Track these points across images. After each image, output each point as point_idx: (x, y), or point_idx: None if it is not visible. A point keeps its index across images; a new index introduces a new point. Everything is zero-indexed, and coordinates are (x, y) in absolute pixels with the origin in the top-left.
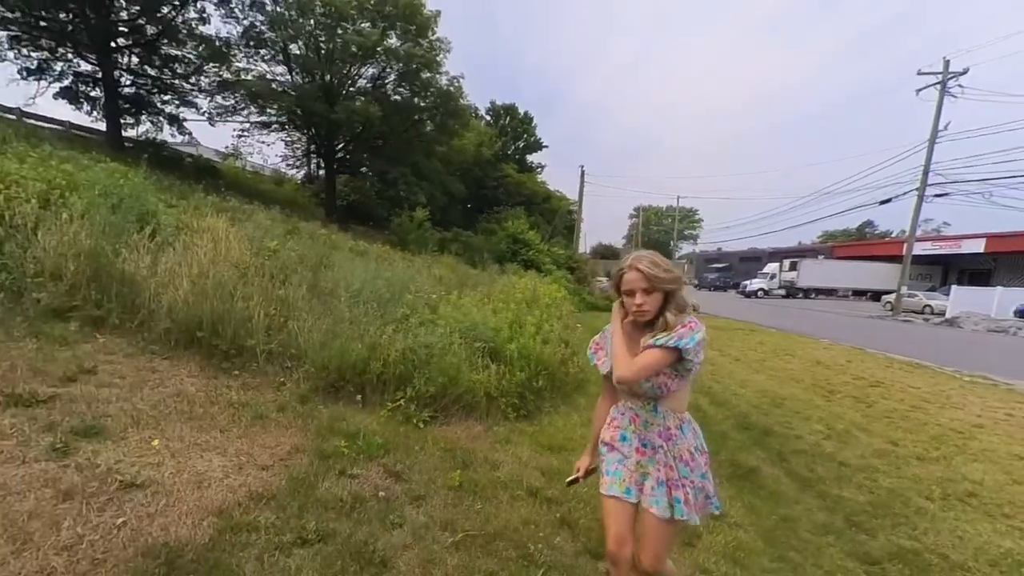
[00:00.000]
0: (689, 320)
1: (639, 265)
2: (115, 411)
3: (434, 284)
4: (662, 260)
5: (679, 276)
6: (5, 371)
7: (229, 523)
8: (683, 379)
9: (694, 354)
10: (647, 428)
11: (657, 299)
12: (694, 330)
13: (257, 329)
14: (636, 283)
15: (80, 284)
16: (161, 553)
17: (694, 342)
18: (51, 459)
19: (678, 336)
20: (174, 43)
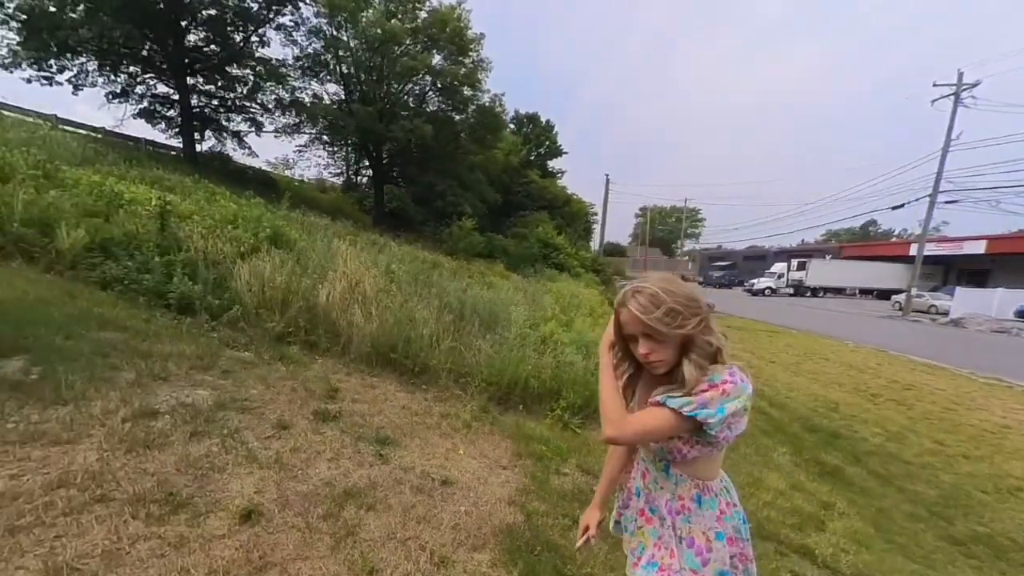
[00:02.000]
0: (725, 376)
1: (630, 304)
2: (382, 423)
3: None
4: (670, 293)
5: (699, 312)
6: (300, 391)
7: (524, 509)
8: (709, 447)
9: (722, 427)
10: (655, 490)
11: (669, 348)
12: (727, 394)
13: (438, 351)
14: (633, 327)
15: (290, 313)
16: (508, 531)
17: (722, 414)
18: (382, 463)
19: (700, 402)
20: (235, 64)
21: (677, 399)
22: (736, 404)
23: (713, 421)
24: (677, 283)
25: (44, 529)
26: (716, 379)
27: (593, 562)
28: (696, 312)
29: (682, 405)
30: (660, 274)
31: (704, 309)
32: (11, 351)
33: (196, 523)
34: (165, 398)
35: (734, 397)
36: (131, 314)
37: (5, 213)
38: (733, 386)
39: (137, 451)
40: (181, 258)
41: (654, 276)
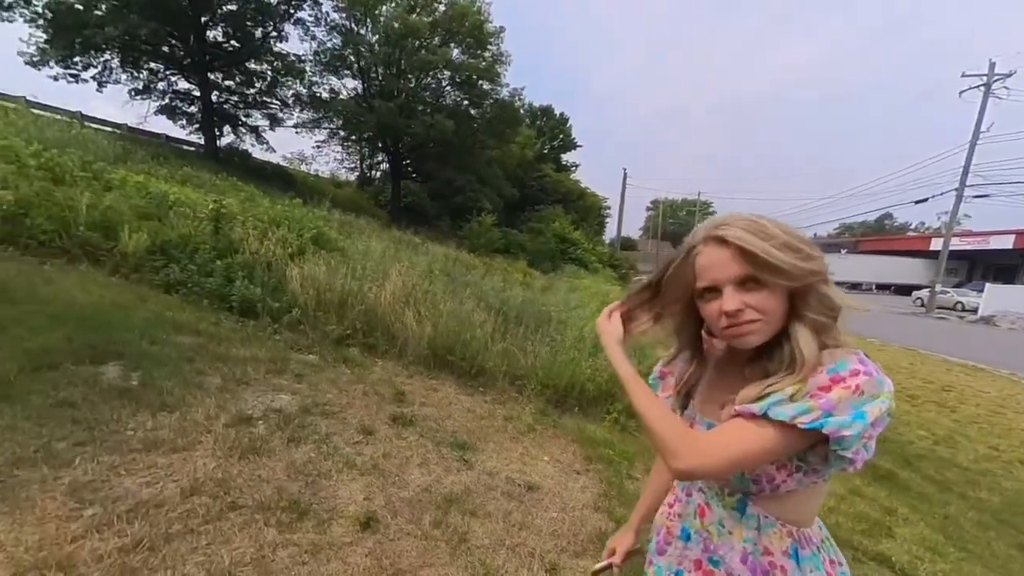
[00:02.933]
0: (854, 364)
1: (728, 233)
2: (454, 427)
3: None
4: (776, 225)
5: (819, 258)
6: (371, 395)
7: (611, 516)
8: (815, 476)
9: (859, 445)
10: (720, 536)
11: (777, 300)
12: (863, 392)
13: (493, 353)
14: (724, 269)
15: (347, 316)
16: (603, 537)
17: (862, 422)
18: (468, 468)
19: (824, 406)
20: (254, 59)
21: (785, 406)
22: (879, 406)
23: (849, 435)
24: (772, 219)
25: (194, 536)
26: (842, 368)
27: None
28: (815, 253)
29: (797, 414)
30: (738, 212)
31: (820, 251)
32: (105, 357)
33: (323, 530)
34: (254, 403)
35: (872, 396)
36: (199, 317)
37: (70, 217)
38: (868, 379)
39: (248, 458)
40: (238, 261)
41: (732, 213)
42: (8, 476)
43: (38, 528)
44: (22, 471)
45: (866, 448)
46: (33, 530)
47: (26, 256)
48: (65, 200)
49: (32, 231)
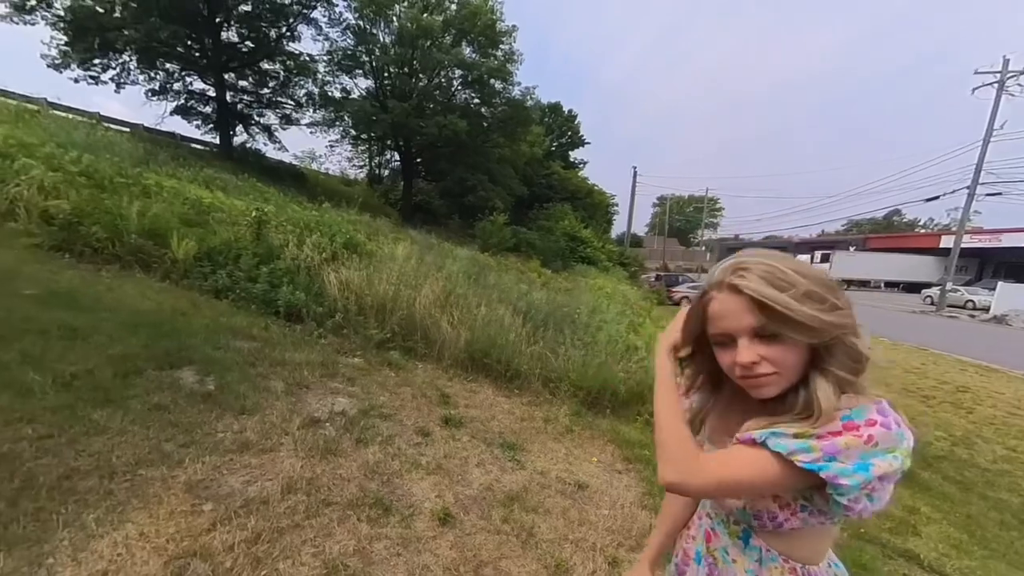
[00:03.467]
0: (872, 414)
1: (743, 283)
2: (500, 428)
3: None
4: (798, 272)
5: (846, 309)
6: (419, 397)
7: (654, 511)
8: (821, 517)
9: (859, 494)
10: (724, 562)
11: (794, 355)
12: (875, 444)
13: (527, 356)
14: (738, 319)
15: (387, 320)
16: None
17: (864, 473)
18: (520, 468)
19: (827, 449)
20: (267, 59)
21: (786, 439)
22: (889, 462)
23: (847, 483)
24: (797, 261)
25: (301, 530)
26: (857, 416)
27: None
28: (843, 301)
29: (797, 450)
30: (766, 251)
31: (847, 299)
32: (179, 362)
33: (407, 525)
34: (317, 406)
35: (886, 450)
36: (250, 322)
37: (122, 225)
38: (885, 432)
39: (327, 458)
40: (282, 267)
41: (757, 252)
42: (134, 475)
43: (170, 522)
44: (144, 470)
45: (871, 499)
46: (167, 523)
47: (82, 263)
48: (115, 208)
49: (87, 239)
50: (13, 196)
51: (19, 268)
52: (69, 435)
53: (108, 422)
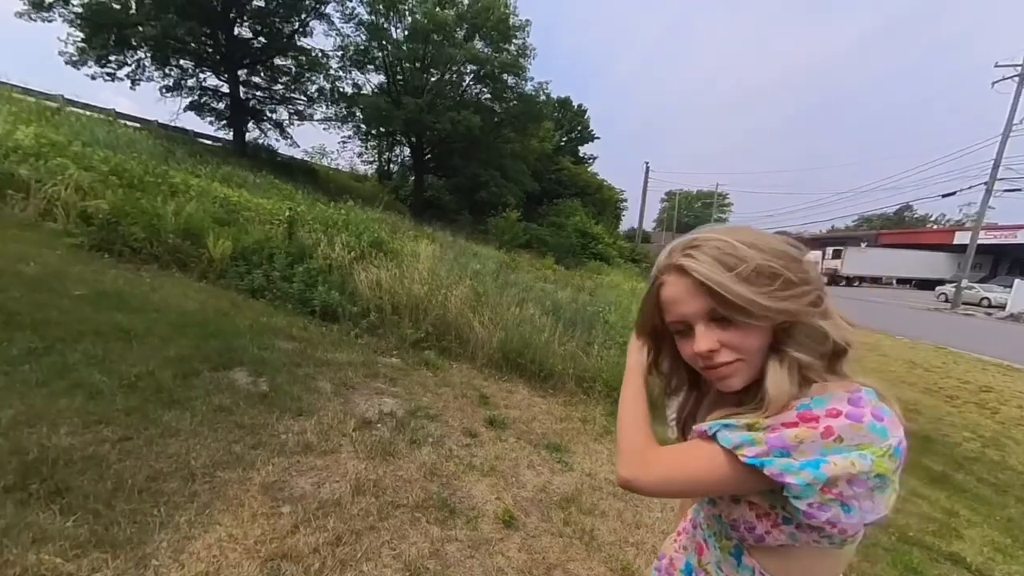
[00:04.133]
0: (839, 403)
1: (686, 262)
2: (542, 429)
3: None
4: (753, 246)
5: (808, 277)
6: (460, 398)
7: None
8: (813, 534)
9: (813, 498)
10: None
11: (754, 339)
12: (836, 438)
13: (559, 356)
14: (689, 303)
15: (420, 320)
16: None
17: (815, 472)
18: (568, 470)
19: (773, 442)
20: (280, 55)
21: (736, 431)
22: (851, 461)
23: (794, 482)
24: (756, 233)
25: (376, 533)
26: (817, 405)
27: None
28: (804, 277)
29: (741, 443)
30: (725, 225)
31: (814, 274)
32: (231, 363)
33: (474, 527)
34: (366, 407)
35: (853, 446)
36: (289, 322)
37: (159, 224)
38: (850, 425)
39: (386, 460)
40: (315, 266)
41: (714, 228)
42: (213, 477)
43: (254, 524)
44: (221, 472)
45: (844, 508)
46: (252, 526)
47: (122, 263)
48: (151, 208)
49: (126, 239)
50: (50, 196)
51: (66, 269)
52: (146, 437)
53: (178, 424)
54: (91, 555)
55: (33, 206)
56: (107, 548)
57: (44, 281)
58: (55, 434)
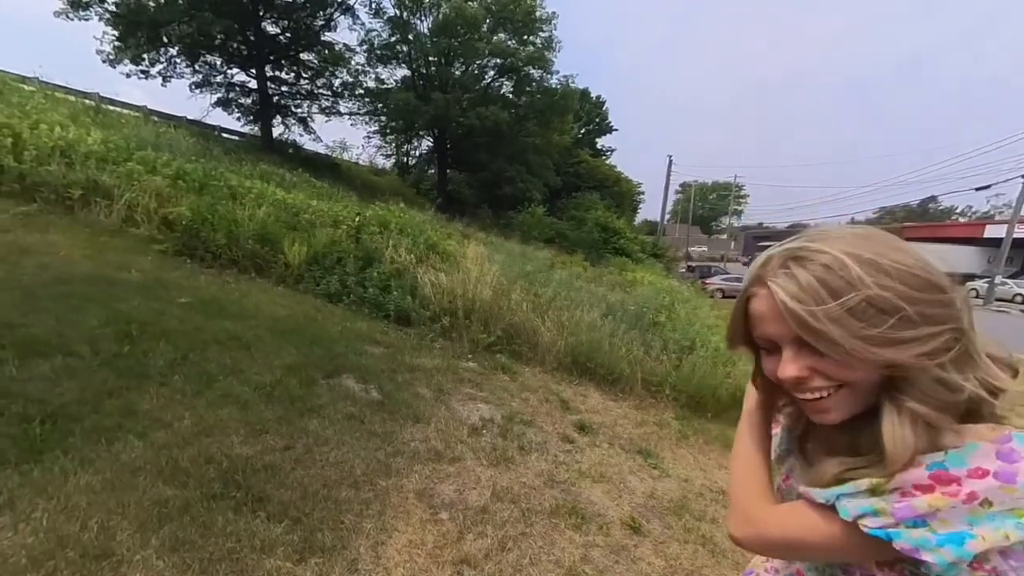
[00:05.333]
0: (978, 460)
1: (776, 281)
2: (627, 434)
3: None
4: (872, 266)
5: (944, 311)
6: (544, 403)
7: None
8: None
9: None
10: None
11: (852, 373)
12: (981, 502)
13: (627, 360)
14: (776, 324)
15: (490, 324)
16: None
17: (957, 548)
18: (665, 476)
19: (902, 512)
20: (305, 50)
21: (856, 499)
22: (1008, 534)
23: (932, 560)
24: (889, 245)
25: (530, 539)
26: (955, 464)
27: None
28: (936, 315)
29: (864, 514)
30: (853, 229)
31: (953, 312)
32: (338, 370)
33: (607, 533)
34: (466, 413)
35: (1004, 513)
36: (370, 327)
37: (237, 231)
38: (1003, 488)
39: (506, 466)
40: (384, 270)
41: (832, 232)
42: (374, 484)
43: (424, 530)
44: (380, 480)
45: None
46: (423, 532)
47: (204, 268)
48: (229, 213)
49: (207, 244)
50: (130, 202)
51: (163, 276)
52: (303, 445)
53: (322, 431)
54: (310, 560)
55: (116, 212)
56: (321, 554)
57: (151, 289)
58: (230, 443)
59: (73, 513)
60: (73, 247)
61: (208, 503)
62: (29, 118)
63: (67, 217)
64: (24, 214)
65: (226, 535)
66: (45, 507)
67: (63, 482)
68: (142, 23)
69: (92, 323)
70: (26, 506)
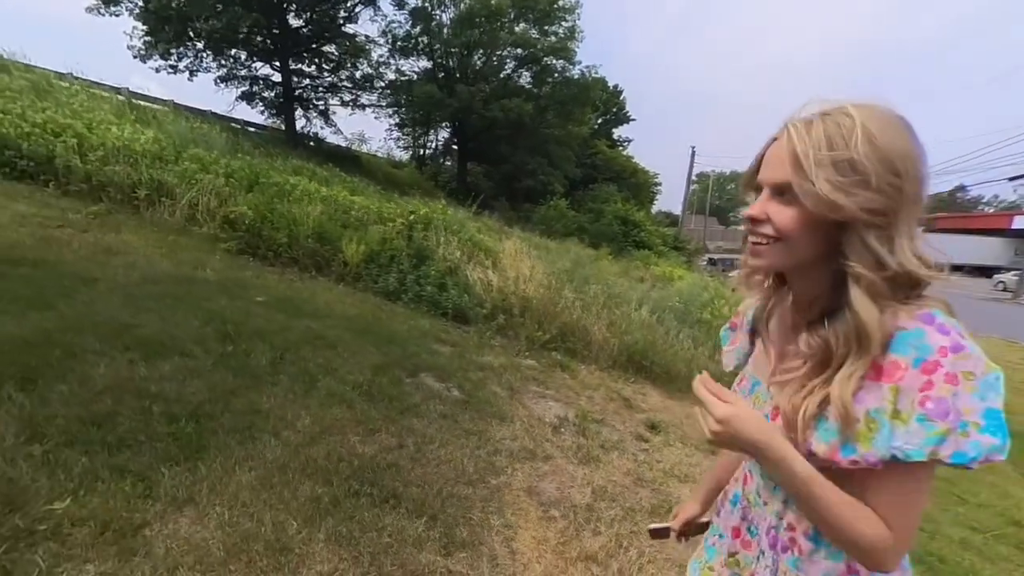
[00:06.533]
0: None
1: (796, 128)
2: (693, 433)
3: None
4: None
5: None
6: (607, 401)
7: None
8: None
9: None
10: (756, 505)
11: (805, 228)
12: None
13: (679, 358)
14: (773, 168)
15: (544, 322)
16: None
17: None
18: None
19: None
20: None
21: (907, 438)
22: (999, 394)
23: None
24: (898, 129)
25: (639, 537)
26: (924, 353)
27: None
28: (890, 190)
29: (929, 444)
30: (884, 109)
31: (914, 191)
32: (415, 368)
33: None
34: (540, 411)
35: (987, 382)
36: (431, 324)
37: (297, 230)
38: (959, 356)
39: (595, 465)
40: (438, 268)
41: (871, 107)
42: (486, 483)
43: (543, 527)
44: (490, 479)
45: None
46: (543, 529)
47: (266, 267)
48: (288, 213)
49: (269, 243)
50: (191, 201)
51: (235, 275)
52: (414, 444)
53: (424, 430)
54: (456, 555)
55: (180, 211)
56: (463, 548)
57: (229, 288)
58: (351, 443)
59: (244, 509)
60: (148, 247)
61: (353, 500)
62: (82, 118)
63: (135, 217)
64: (95, 214)
65: (378, 530)
66: (219, 503)
67: (227, 479)
68: (170, 18)
69: (193, 323)
70: (204, 503)
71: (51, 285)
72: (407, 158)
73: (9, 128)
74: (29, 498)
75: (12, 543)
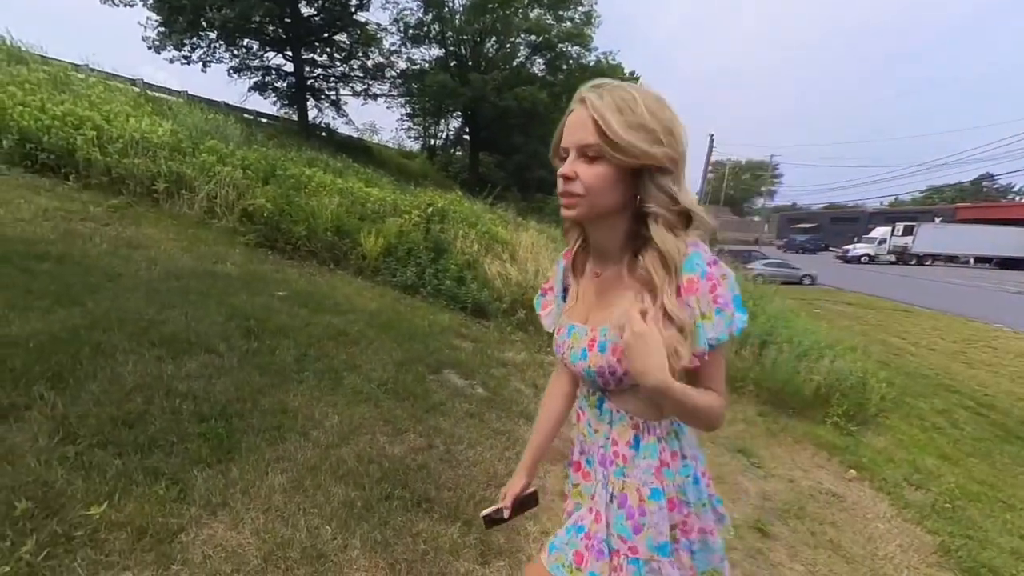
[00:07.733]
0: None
1: (591, 96)
2: (725, 433)
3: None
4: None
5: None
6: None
7: (924, 527)
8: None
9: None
10: (590, 436)
11: (607, 182)
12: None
13: None
14: (575, 133)
15: None
16: (942, 547)
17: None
18: (770, 476)
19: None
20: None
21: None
22: (737, 285)
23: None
24: (663, 103)
25: None
26: (696, 265)
27: None
28: (670, 144)
29: (727, 327)
30: (633, 84)
31: (683, 150)
32: (438, 365)
33: (740, 536)
34: None
35: (731, 280)
36: (451, 319)
37: (315, 223)
38: (721, 266)
39: None
40: (457, 261)
41: (623, 83)
42: None
43: None
44: None
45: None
46: None
47: (284, 260)
48: (307, 206)
49: (287, 236)
50: (209, 194)
51: (255, 268)
52: (442, 443)
53: (452, 430)
54: (494, 563)
55: (198, 204)
56: (500, 556)
57: (250, 283)
58: (380, 443)
59: (278, 514)
60: (168, 240)
61: (386, 504)
62: (100, 110)
63: (154, 209)
64: (114, 207)
65: (413, 536)
66: (253, 507)
67: (260, 482)
68: (183, 7)
69: (217, 318)
70: (238, 507)
71: (77, 281)
72: (418, 148)
73: (30, 120)
74: (65, 502)
75: (51, 549)
